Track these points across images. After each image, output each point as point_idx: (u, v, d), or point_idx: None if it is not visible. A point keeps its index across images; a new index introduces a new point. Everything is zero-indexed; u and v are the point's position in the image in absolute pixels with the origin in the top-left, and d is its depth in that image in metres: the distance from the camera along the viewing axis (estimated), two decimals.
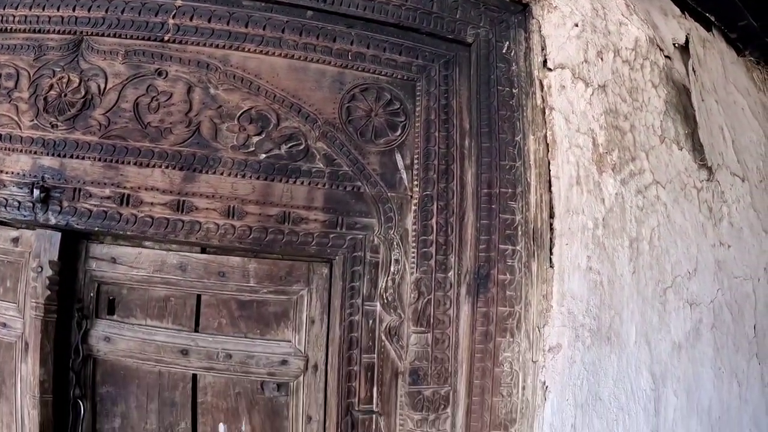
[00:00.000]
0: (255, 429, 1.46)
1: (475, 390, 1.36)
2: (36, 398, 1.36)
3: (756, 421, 2.06)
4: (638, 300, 1.55)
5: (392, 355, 1.36)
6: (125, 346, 1.45)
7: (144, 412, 1.47)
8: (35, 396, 1.37)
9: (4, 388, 1.48)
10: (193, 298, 1.47)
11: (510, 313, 1.37)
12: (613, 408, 1.50)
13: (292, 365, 1.43)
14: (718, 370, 1.83)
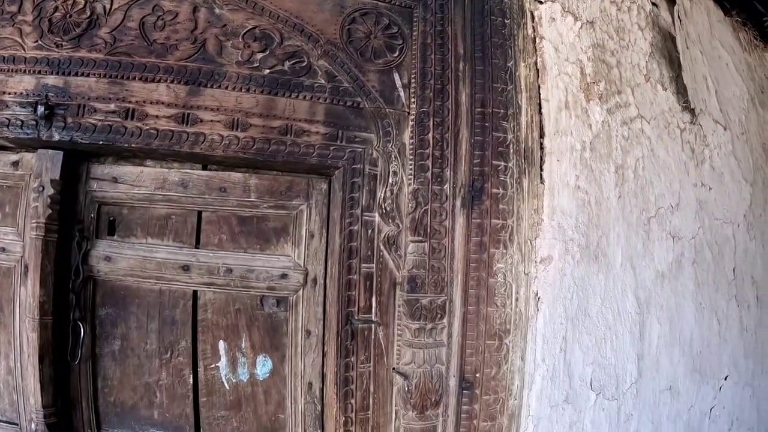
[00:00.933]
0: (254, 345, 1.49)
1: (470, 300, 1.41)
2: (35, 320, 1.37)
3: (734, 362, 2.14)
4: (624, 224, 1.62)
5: (390, 264, 1.40)
6: (126, 264, 1.46)
7: (144, 333, 1.49)
8: (35, 318, 1.37)
9: (2, 317, 1.48)
10: (194, 215, 1.50)
11: (503, 226, 1.42)
12: (602, 326, 1.56)
13: (291, 279, 1.47)
14: (699, 305, 1.90)
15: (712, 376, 2.05)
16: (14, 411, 1.50)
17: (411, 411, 1.41)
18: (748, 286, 2.24)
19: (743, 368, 2.25)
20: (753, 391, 2.34)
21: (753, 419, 2.39)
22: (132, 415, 1.50)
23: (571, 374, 1.51)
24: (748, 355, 2.27)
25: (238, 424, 1.51)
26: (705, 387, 2.03)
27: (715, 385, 2.09)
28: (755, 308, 2.30)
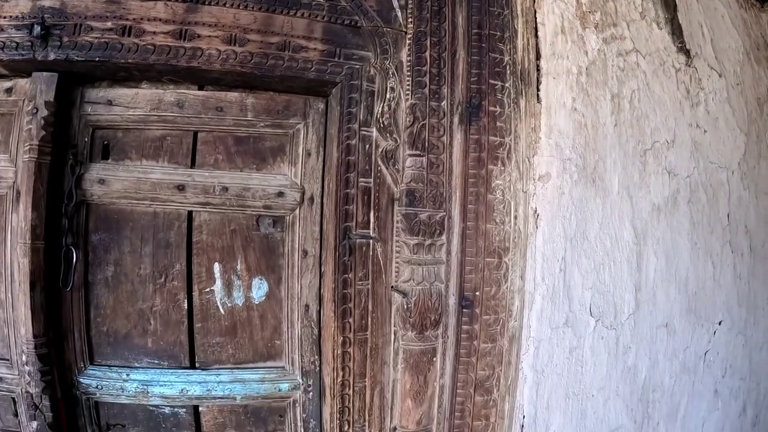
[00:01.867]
0: (250, 267, 1.47)
1: (469, 215, 1.40)
2: (27, 245, 1.35)
3: (728, 308, 2.15)
4: (620, 152, 1.62)
5: (388, 179, 1.39)
6: (120, 186, 1.45)
7: (137, 257, 1.47)
8: (26, 242, 1.36)
9: None
10: (190, 135, 1.49)
11: (501, 143, 1.42)
12: (600, 251, 1.56)
13: (288, 197, 1.45)
14: (694, 244, 1.91)
15: (706, 320, 2.06)
16: (5, 346, 1.47)
17: (410, 331, 1.39)
18: (741, 235, 2.25)
19: (737, 316, 2.25)
20: (746, 341, 2.35)
21: (745, 369, 2.40)
22: (125, 344, 1.48)
23: (570, 297, 1.50)
24: (742, 304, 2.28)
25: (233, 350, 1.48)
26: (700, 329, 2.03)
27: (709, 328, 2.09)
28: (748, 257, 2.31)
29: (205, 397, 1.47)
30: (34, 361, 1.37)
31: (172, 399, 1.47)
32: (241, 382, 1.47)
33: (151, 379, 1.47)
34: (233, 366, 1.48)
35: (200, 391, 1.46)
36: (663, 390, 1.91)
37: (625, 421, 1.78)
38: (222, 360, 1.48)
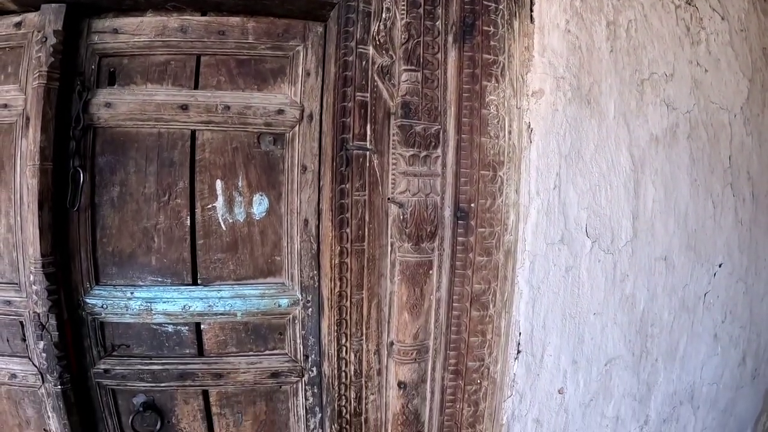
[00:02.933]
0: (251, 183, 1.52)
1: (464, 128, 1.43)
2: (36, 166, 1.41)
3: (729, 251, 2.16)
4: (616, 78, 1.65)
5: (384, 94, 1.43)
6: (126, 109, 1.51)
7: (143, 176, 1.52)
8: (35, 164, 1.41)
9: (3, 174, 1.51)
10: (193, 59, 1.54)
11: (494, 61, 1.46)
12: (595, 173, 1.59)
13: (287, 115, 1.50)
14: (694, 181, 1.93)
15: (706, 260, 2.07)
16: (14, 270, 1.52)
17: (406, 242, 1.43)
18: (743, 180, 2.26)
19: (737, 262, 2.26)
20: (746, 289, 2.35)
21: (746, 318, 2.40)
22: (130, 263, 1.53)
23: (566, 214, 1.52)
24: (743, 250, 2.28)
25: (234, 266, 1.53)
26: (700, 269, 2.04)
27: (709, 269, 2.10)
28: (750, 204, 2.32)
29: (206, 314, 1.51)
30: (41, 280, 1.42)
31: (174, 316, 1.52)
32: (241, 297, 1.51)
33: (155, 296, 1.52)
34: (234, 282, 1.53)
35: (202, 307, 1.51)
36: (662, 326, 1.92)
37: (623, 351, 1.80)
38: (223, 276, 1.53)
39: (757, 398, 2.79)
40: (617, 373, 1.83)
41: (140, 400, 1.60)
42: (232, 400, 1.60)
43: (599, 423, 1.85)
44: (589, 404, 1.77)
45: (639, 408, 1.97)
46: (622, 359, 1.82)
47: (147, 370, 1.55)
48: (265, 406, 1.62)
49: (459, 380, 1.52)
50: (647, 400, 1.99)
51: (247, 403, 1.61)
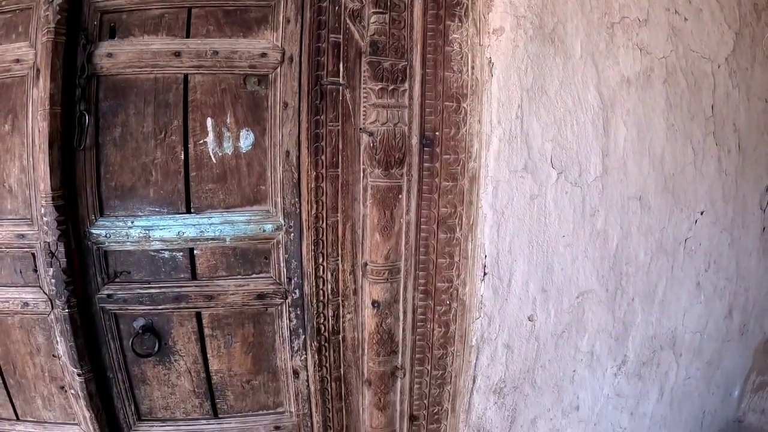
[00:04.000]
0: (238, 120, 1.71)
1: (428, 64, 1.59)
2: (46, 110, 1.61)
3: (712, 200, 2.24)
4: (583, 20, 1.77)
5: (356, 36, 1.60)
6: (125, 58, 1.71)
7: (141, 117, 1.73)
8: (45, 108, 1.61)
9: (16, 122, 1.73)
10: (185, 11, 1.74)
11: (458, 3, 1.61)
12: (560, 108, 1.71)
13: (270, 57, 1.68)
14: (671, 125, 2.02)
15: (686, 206, 2.14)
16: (27, 207, 1.74)
17: (377, 168, 1.59)
18: (729, 131, 2.33)
19: (722, 212, 2.32)
20: (732, 240, 2.40)
21: (732, 271, 2.45)
22: (131, 196, 1.73)
23: (529, 145, 1.65)
24: (728, 200, 2.34)
25: (224, 196, 1.71)
26: (679, 214, 2.12)
27: (690, 215, 2.18)
28: (736, 156, 2.38)
29: (198, 239, 1.70)
30: (51, 212, 1.63)
31: (170, 242, 1.71)
32: (230, 223, 1.70)
33: (152, 224, 1.72)
34: (223, 210, 1.71)
35: (194, 233, 1.70)
36: (638, 265, 2.02)
37: (595, 286, 1.91)
38: (214, 205, 1.71)
39: (747, 355, 2.83)
40: (590, 308, 1.93)
41: (140, 324, 1.80)
42: (222, 322, 1.78)
43: (573, 356, 1.96)
44: (562, 335, 1.89)
45: (616, 346, 2.07)
46: (595, 294, 1.93)
47: (146, 294, 1.74)
48: (253, 328, 1.79)
49: (429, 300, 1.67)
50: (624, 340, 2.09)
51: (237, 325, 1.79)
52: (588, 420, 2.10)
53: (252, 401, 1.89)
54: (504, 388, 1.80)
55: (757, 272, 2.71)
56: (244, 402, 1.89)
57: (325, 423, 1.85)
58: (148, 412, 1.91)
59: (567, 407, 2.02)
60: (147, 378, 1.85)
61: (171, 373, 1.83)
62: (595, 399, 2.09)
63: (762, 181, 2.65)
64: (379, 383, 1.75)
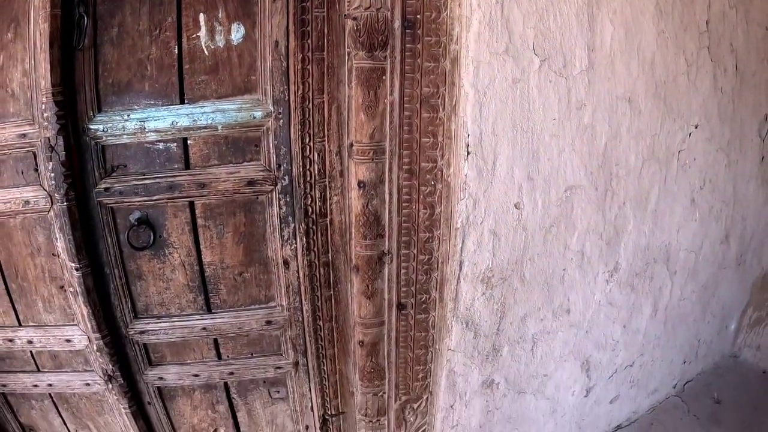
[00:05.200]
0: (230, 15, 1.80)
1: None
2: (47, 12, 1.70)
3: (707, 116, 2.29)
4: None
5: None
6: None
7: (137, 16, 1.83)
8: (46, 11, 1.71)
9: (19, 29, 1.85)
10: None
11: None
12: None
13: None
14: (661, 32, 2.09)
15: (679, 116, 2.20)
16: (28, 108, 1.83)
17: (361, 50, 1.68)
18: (725, 50, 2.38)
19: (717, 130, 2.37)
20: (728, 162, 2.44)
21: (729, 195, 2.48)
22: (127, 91, 1.84)
23: (510, 30, 1.73)
24: (724, 121, 2.39)
25: (216, 86, 1.82)
26: (671, 123, 2.17)
27: (683, 127, 2.23)
28: (733, 77, 2.43)
29: (191, 128, 1.80)
30: (51, 107, 1.73)
31: (164, 132, 1.82)
32: (221, 112, 1.80)
33: (148, 116, 1.82)
34: (215, 99, 1.81)
35: (188, 122, 1.80)
36: (628, 168, 2.08)
37: (584, 182, 1.97)
38: (206, 95, 1.81)
39: (744, 289, 2.85)
40: (579, 205, 1.99)
41: (135, 216, 1.90)
42: (215, 212, 1.87)
43: (563, 254, 2.01)
44: (550, 230, 1.95)
45: (607, 250, 2.12)
46: (584, 191, 1.98)
47: (141, 185, 1.84)
48: (244, 217, 1.88)
49: (413, 180, 1.74)
50: (616, 246, 2.14)
51: (228, 215, 1.87)
52: (579, 325, 2.14)
53: (244, 295, 1.97)
54: (492, 278, 1.85)
55: (755, 202, 2.73)
56: (237, 296, 1.97)
57: (314, 312, 1.92)
58: (144, 310, 2.00)
59: (557, 309, 2.06)
60: (143, 273, 1.94)
61: (165, 267, 1.92)
62: (587, 304, 2.13)
63: (761, 109, 2.68)
64: (367, 269, 1.82)
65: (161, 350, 2.06)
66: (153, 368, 2.10)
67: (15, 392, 2.22)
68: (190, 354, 2.07)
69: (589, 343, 2.22)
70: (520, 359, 2.05)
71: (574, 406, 2.38)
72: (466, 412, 2.06)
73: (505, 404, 2.13)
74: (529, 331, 2.01)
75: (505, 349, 2.00)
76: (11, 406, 2.29)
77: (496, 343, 1.97)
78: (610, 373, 2.41)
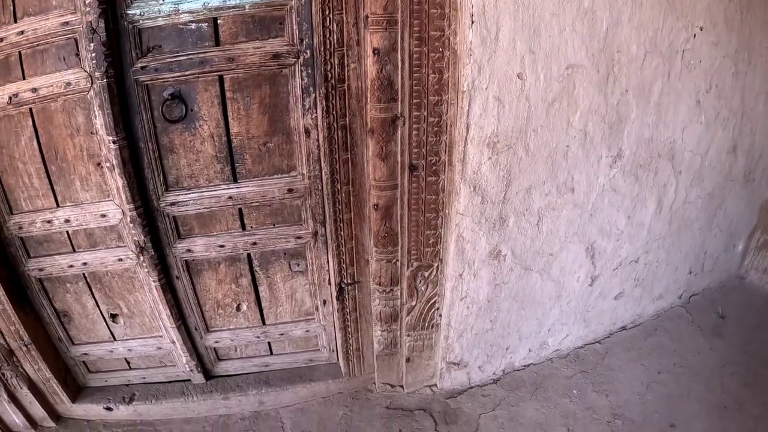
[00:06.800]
0: None
1: None
2: None
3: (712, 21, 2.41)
4: None
5: None
6: None
7: None
8: None
9: None
10: None
11: None
12: None
13: None
14: None
15: (682, 15, 2.34)
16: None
17: None
18: None
19: (724, 37, 2.50)
20: (736, 71, 2.60)
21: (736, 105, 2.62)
22: None
23: None
24: (731, 29, 2.50)
25: None
26: (674, 21, 2.34)
27: (687, 27, 2.39)
28: None
29: (221, 8, 2.07)
30: None
31: (196, 13, 2.07)
32: None
33: None
34: None
35: (217, 3, 2.05)
36: (630, 56, 2.29)
37: (585, 62, 2.18)
38: None
39: (752, 209, 3.01)
40: (581, 85, 2.21)
41: (168, 92, 2.16)
42: (242, 85, 2.13)
43: (566, 130, 2.23)
44: (553, 104, 2.17)
45: (609, 134, 2.33)
46: (585, 71, 2.20)
47: (175, 62, 2.09)
48: (269, 89, 2.13)
49: (423, 47, 1.98)
50: (619, 132, 2.35)
51: (254, 87, 2.13)
52: (584, 207, 2.35)
53: (268, 165, 2.21)
54: (497, 143, 2.08)
55: (764, 118, 2.91)
56: (261, 166, 2.22)
57: (332, 175, 2.15)
58: (174, 182, 2.25)
59: (561, 186, 2.27)
60: (174, 146, 2.19)
61: (196, 139, 2.17)
62: (590, 186, 2.34)
63: None
64: (381, 131, 2.05)
65: (189, 223, 2.30)
66: (182, 241, 2.33)
67: (51, 276, 2.45)
68: (216, 225, 2.31)
69: (593, 227, 2.42)
70: (526, 232, 2.25)
71: (579, 295, 2.56)
72: (474, 283, 2.27)
73: (512, 279, 2.33)
74: (535, 204, 2.21)
75: (511, 220, 2.20)
76: (47, 291, 2.52)
77: (503, 212, 2.17)
78: (614, 265, 2.59)
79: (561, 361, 2.69)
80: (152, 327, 2.52)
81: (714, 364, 2.61)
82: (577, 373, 2.62)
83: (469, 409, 2.47)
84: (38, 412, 2.62)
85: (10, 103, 2.04)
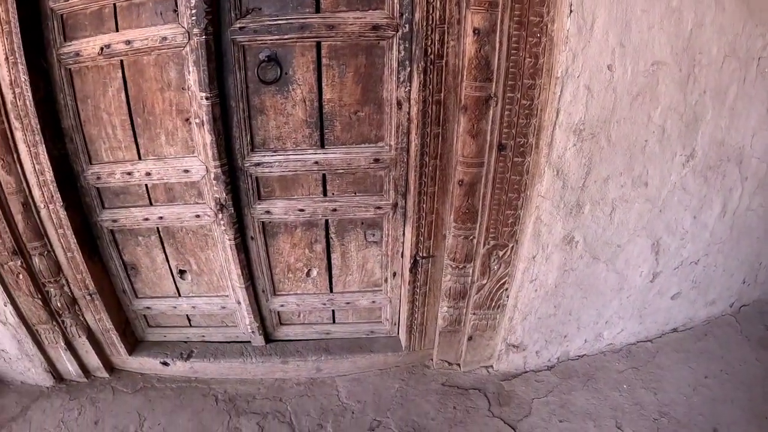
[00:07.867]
0: None
1: None
2: None
3: None
4: None
5: None
6: None
7: None
8: None
9: None
10: None
11: None
12: None
13: None
14: None
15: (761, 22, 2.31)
16: None
17: None
18: None
19: None
20: None
21: None
22: None
23: None
24: None
25: None
26: (753, 28, 2.31)
27: (765, 34, 2.43)
28: None
29: None
30: None
31: None
32: None
33: None
34: None
35: None
36: (710, 58, 2.41)
37: (669, 60, 2.31)
38: None
39: None
40: (664, 81, 2.34)
41: (265, 54, 2.27)
42: (339, 53, 2.25)
43: (646, 125, 2.37)
44: (637, 98, 2.31)
45: (686, 133, 2.46)
46: (669, 68, 2.33)
47: (274, 25, 2.17)
48: (365, 59, 2.26)
49: (522, 31, 2.11)
50: (694, 132, 2.48)
51: (351, 56, 2.26)
52: (654, 202, 2.48)
53: (356, 133, 2.33)
54: (583, 131, 2.21)
55: None
56: (350, 134, 2.34)
57: (422, 147, 2.28)
58: (261, 144, 2.37)
59: (636, 179, 2.41)
60: (265, 108, 2.30)
61: (287, 102, 2.29)
62: (663, 182, 2.47)
63: None
64: (474, 109, 2.18)
65: (271, 185, 2.43)
66: (261, 202, 2.46)
67: (124, 228, 2.57)
68: (298, 189, 2.43)
69: (661, 223, 2.55)
70: (599, 221, 2.38)
71: (639, 290, 2.69)
72: (545, 266, 2.40)
73: (580, 266, 2.46)
74: (610, 194, 2.35)
75: (587, 207, 2.34)
76: (117, 243, 2.65)
77: (580, 199, 2.30)
78: (676, 264, 2.72)
79: (613, 356, 2.81)
80: (219, 286, 2.64)
81: (759, 375, 2.72)
82: (628, 369, 2.73)
83: (522, 392, 2.58)
84: (93, 361, 2.73)
85: (101, 53, 2.13)
